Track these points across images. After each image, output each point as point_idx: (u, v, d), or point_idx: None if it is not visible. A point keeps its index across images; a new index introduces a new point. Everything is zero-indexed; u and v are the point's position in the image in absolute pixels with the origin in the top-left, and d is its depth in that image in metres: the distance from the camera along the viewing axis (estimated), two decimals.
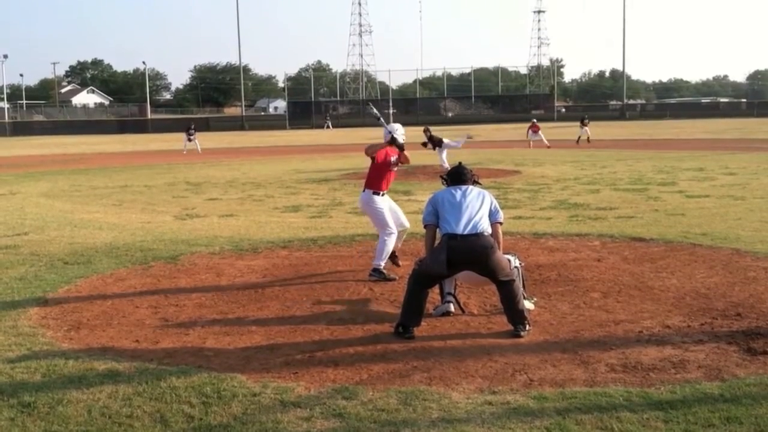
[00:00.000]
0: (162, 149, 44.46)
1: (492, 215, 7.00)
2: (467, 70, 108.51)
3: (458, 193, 7.06)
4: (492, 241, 6.77)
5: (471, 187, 7.18)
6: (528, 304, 7.14)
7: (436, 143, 24.36)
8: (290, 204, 16.59)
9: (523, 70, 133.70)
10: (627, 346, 6.14)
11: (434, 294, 7.44)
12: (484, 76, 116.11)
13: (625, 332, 6.55)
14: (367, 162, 9.51)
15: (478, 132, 48.02)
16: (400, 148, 9.08)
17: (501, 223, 7.11)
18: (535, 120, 40.92)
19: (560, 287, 8.22)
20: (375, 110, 10.38)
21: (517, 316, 6.59)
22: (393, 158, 9.20)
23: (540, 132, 37.88)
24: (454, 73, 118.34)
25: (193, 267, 9.83)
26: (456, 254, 6.63)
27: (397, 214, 9.38)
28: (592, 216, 13.53)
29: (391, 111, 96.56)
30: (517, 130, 55.05)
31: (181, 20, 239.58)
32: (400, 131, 9.13)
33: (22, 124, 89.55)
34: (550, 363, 5.77)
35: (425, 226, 7.12)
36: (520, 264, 7.35)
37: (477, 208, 6.90)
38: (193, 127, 43.54)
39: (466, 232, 6.71)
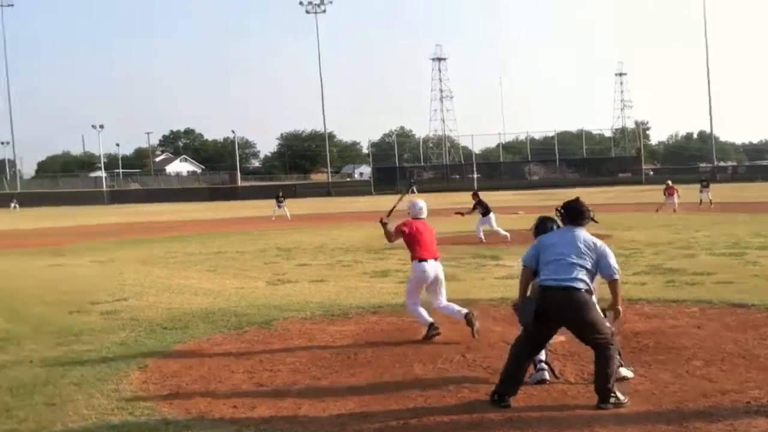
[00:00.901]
0: (252, 216, 45.49)
1: (604, 270, 6.52)
2: (551, 134, 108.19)
3: (566, 237, 6.65)
4: (588, 298, 6.42)
5: (583, 234, 6.65)
6: (626, 372, 6.97)
7: (485, 209, 23.70)
8: (378, 269, 16.69)
9: (608, 133, 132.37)
10: (735, 417, 5.92)
11: None
12: (567, 139, 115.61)
13: (732, 402, 6.32)
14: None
15: (565, 197, 47.46)
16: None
17: (616, 280, 6.59)
18: (669, 182, 37.15)
19: (660, 355, 8.00)
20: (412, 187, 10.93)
21: (604, 389, 6.25)
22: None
23: (675, 196, 34.82)
24: (537, 136, 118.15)
25: (286, 332, 9.97)
26: (546, 308, 6.40)
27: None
28: (689, 281, 13.17)
29: (475, 176, 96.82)
30: (604, 193, 54.32)
31: (268, 89, 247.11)
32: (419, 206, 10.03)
33: (118, 193, 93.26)
34: None
35: (523, 267, 6.85)
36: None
37: (581, 258, 6.48)
38: (281, 194, 44.51)
39: (561, 285, 6.41)
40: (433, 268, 9.44)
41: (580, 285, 6.43)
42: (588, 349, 7.67)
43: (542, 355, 7.20)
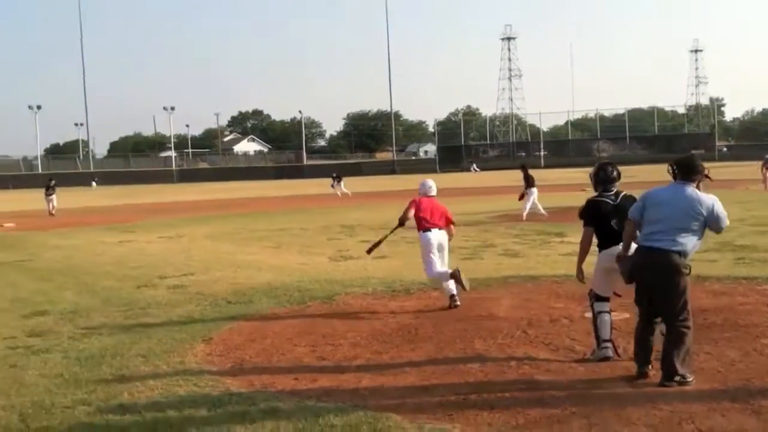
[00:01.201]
0: (317, 194, 45.83)
1: (713, 225, 6.22)
2: (621, 111, 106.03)
3: (676, 195, 6.28)
4: (683, 269, 6.12)
5: (695, 192, 6.23)
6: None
7: (530, 183, 23.35)
8: None
9: (681, 110, 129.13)
10: None
11: (591, 338, 7.25)
12: (638, 116, 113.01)
13: None
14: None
15: (635, 174, 46.60)
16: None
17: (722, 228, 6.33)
18: None
19: (727, 333, 7.79)
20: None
21: (670, 367, 6.07)
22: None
23: None
24: (607, 114, 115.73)
25: (348, 307, 10.03)
26: (640, 269, 6.26)
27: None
28: (761, 258, 12.79)
29: (542, 153, 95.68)
30: None
31: (336, 70, 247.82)
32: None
33: (188, 172, 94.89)
34: (718, 412, 5.46)
35: (628, 219, 6.60)
36: None
37: (688, 220, 6.16)
38: (335, 174, 45.42)
39: (659, 248, 6.14)
40: (436, 236, 10.14)
41: (680, 249, 6.14)
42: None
43: (607, 333, 7.08)
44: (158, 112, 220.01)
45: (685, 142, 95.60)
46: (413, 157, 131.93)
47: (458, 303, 9.67)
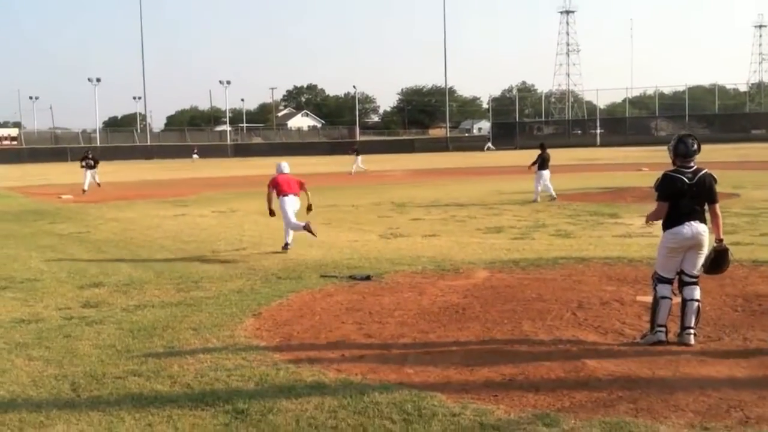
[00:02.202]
0: (369, 170, 45.85)
1: None
2: (681, 88, 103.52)
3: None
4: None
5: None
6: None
7: (544, 165, 22.80)
8: (492, 225, 16.56)
9: (743, 88, 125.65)
10: None
11: (642, 322, 7.15)
12: (698, 94, 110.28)
13: None
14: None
15: None
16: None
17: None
18: None
19: None
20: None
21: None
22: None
23: None
24: (666, 91, 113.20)
25: (397, 285, 10.04)
26: None
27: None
28: None
29: (598, 131, 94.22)
30: (737, 150, 51.87)
31: (390, 45, 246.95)
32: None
33: (242, 146, 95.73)
34: None
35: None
36: None
37: None
38: (355, 148, 47.55)
39: None
40: (291, 200, 13.71)
41: None
42: (705, 312, 7.43)
43: (664, 318, 6.94)
44: (214, 86, 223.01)
45: (745, 121, 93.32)
46: (467, 134, 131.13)
47: (288, 248, 13.55)
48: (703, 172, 6.96)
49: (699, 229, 6.86)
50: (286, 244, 13.64)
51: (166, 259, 12.82)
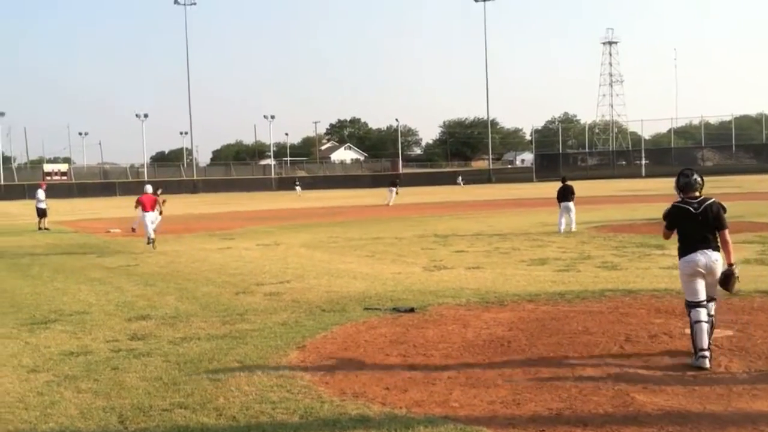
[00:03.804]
0: (412, 202, 45.95)
1: None
2: (727, 118, 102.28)
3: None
4: None
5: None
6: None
7: (565, 198, 23.14)
8: (537, 257, 16.43)
9: None
10: None
11: (688, 356, 7.02)
12: (745, 123, 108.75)
13: None
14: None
15: (740, 184, 45.06)
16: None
17: None
18: None
19: None
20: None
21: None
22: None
23: None
24: (712, 121, 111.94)
25: (441, 318, 9.99)
26: None
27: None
28: None
29: (643, 162, 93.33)
30: None
31: (432, 78, 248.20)
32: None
33: (286, 179, 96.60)
34: None
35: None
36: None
37: None
38: (396, 180, 48.35)
39: None
40: (149, 214, 21.52)
41: None
42: (757, 345, 7.33)
43: (703, 342, 7.07)
44: (259, 121, 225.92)
45: None
46: (509, 166, 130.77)
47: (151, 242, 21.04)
48: (710, 201, 7.39)
49: (712, 257, 7.29)
50: (150, 240, 21.19)
51: (212, 292, 12.93)
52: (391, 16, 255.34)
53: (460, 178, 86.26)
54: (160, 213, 22.70)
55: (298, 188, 72.94)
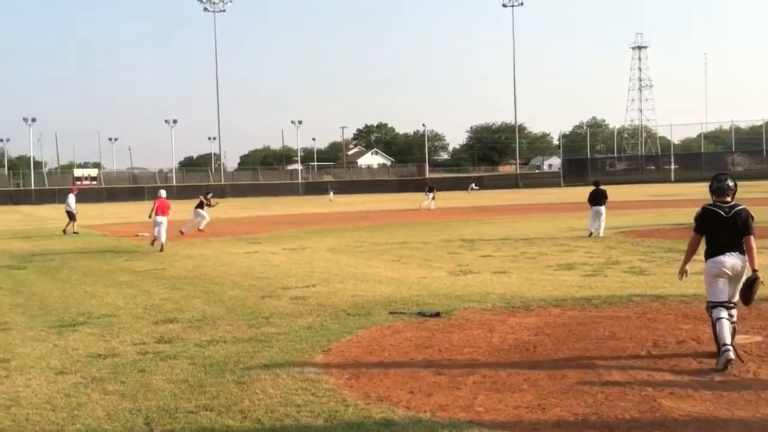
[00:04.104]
0: (439, 207, 45.87)
1: None
2: (758, 122, 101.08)
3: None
4: None
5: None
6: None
7: (597, 201, 23.00)
8: (564, 262, 16.33)
9: None
10: None
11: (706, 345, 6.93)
12: None
13: None
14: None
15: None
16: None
17: None
18: None
19: None
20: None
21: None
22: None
23: None
24: (743, 125, 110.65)
25: (466, 322, 9.96)
26: None
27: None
28: None
29: (672, 167, 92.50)
30: None
31: (460, 83, 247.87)
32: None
33: (313, 184, 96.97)
34: None
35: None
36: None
37: None
38: (432, 186, 48.98)
39: None
40: (162, 219, 22.51)
41: None
42: None
43: (726, 338, 7.27)
44: (286, 126, 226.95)
45: None
46: (537, 171, 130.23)
47: (161, 247, 22.17)
48: (740, 207, 7.66)
49: (737, 260, 7.54)
50: (156, 241, 22.66)
51: (238, 296, 12.99)
52: (418, 22, 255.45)
53: (473, 183, 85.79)
54: (208, 206, 29.14)
55: (331, 193, 72.95)
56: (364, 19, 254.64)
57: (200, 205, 30.33)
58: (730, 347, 7.17)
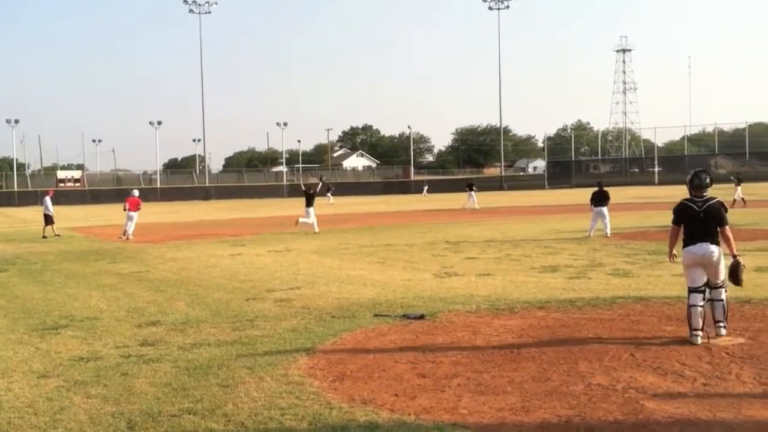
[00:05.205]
0: (424, 209, 45.92)
1: None
2: (741, 125, 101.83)
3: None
4: None
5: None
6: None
7: (597, 202, 23.25)
8: (548, 264, 16.38)
9: None
10: None
11: (702, 363, 6.97)
12: (759, 131, 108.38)
13: None
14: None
15: (755, 191, 44.78)
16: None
17: None
18: None
19: None
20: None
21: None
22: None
23: None
24: (726, 128, 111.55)
25: (451, 325, 9.97)
26: None
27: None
28: None
29: (656, 169, 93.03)
30: None
31: (445, 85, 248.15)
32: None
33: (298, 186, 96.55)
34: None
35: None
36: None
37: None
38: (471, 183, 48.75)
39: None
40: (132, 214, 27.85)
41: None
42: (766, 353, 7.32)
43: (697, 323, 8.24)
44: (272, 128, 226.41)
45: None
46: (522, 173, 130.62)
47: (125, 236, 27.46)
48: (713, 201, 8.46)
49: (710, 249, 8.31)
50: (125, 232, 27.80)
51: (222, 298, 12.95)
52: (404, 23, 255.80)
53: (425, 187, 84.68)
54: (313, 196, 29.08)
55: (330, 197, 71.50)
56: (350, 21, 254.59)
57: (310, 201, 28.84)
58: (700, 332, 8.15)
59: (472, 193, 45.93)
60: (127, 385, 7.42)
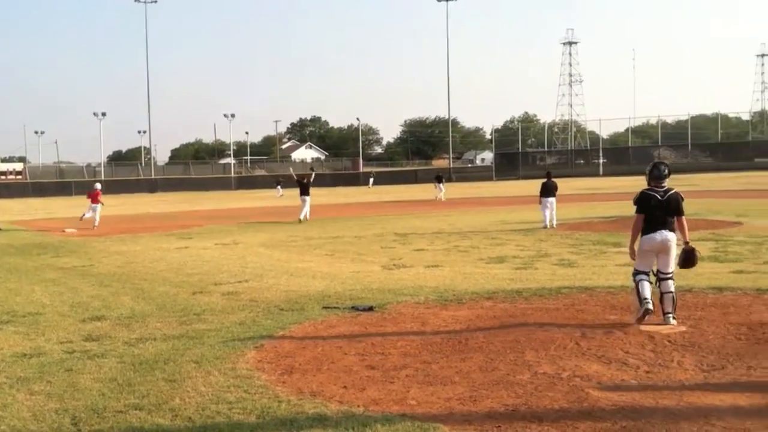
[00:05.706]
0: (373, 201, 45.97)
1: None
2: (683, 117, 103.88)
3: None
4: None
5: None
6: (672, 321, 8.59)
7: (548, 193, 23.63)
8: (495, 255, 16.54)
9: (745, 116, 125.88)
10: None
11: (645, 351, 7.10)
12: (701, 123, 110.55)
13: None
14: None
15: (697, 182, 45.83)
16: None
17: None
18: None
19: None
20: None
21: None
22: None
23: None
24: (669, 120, 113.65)
25: (399, 316, 10.01)
26: None
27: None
28: None
29: (601, 161, 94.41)
30: (739, 179, 51.89)
31: (394, 77, 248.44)
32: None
33: (246, 179, 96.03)
34: None
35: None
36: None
37: None
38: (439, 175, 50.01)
39: None
40: (97, 206, 29.45)
41: None
42: (709, 340, 7.50)
43: (647, 293, 8.62)
44: (219, 120, 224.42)
45: (748, 149, 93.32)
46: (470, 165, 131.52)
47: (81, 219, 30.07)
48: (673, 191, 8.86)
49: (668, 236, 8.75)
50: (83, 216, 30.19)
51: (169, 292, 12.80)
52: (352, 15, 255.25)
53: (371, 179, 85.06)
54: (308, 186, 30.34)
55: (279, 188, 71.03)
56: (298, 13, 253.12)
57: (304, 190, 30.44)
58: (650, 300, 8.53)
59: (440, 185, 46.72)
60: (72, 381, 7.29)
